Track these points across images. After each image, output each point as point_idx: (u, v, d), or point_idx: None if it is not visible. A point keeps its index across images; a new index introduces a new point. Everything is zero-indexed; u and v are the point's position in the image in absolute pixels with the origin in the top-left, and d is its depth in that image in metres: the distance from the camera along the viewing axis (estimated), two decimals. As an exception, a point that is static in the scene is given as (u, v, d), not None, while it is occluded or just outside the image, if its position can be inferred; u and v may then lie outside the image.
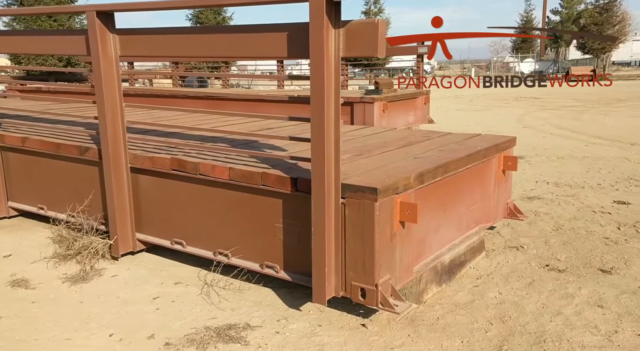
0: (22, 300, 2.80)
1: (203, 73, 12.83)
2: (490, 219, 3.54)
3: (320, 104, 2.32)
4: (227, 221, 2.99)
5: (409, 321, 2.60)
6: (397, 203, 2.51)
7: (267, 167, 2.85)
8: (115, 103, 3.14)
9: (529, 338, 2.38)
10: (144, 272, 3.22)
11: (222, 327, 2.54)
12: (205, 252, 3.11)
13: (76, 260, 3.28)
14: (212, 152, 3.22)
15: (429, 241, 2.91)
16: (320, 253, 2.49)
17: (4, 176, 3.99)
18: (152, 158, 3.17)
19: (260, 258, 2.89)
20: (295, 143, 3.31)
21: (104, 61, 3.04)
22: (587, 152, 7.07)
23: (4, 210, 4.03)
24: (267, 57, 2.64)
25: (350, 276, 2.53)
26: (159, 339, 2.44)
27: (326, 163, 2.39)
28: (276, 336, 2.47)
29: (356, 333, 2.49)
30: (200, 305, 2.79)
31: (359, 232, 2.46)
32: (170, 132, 3.81)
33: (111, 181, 3.20)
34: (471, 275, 3.12)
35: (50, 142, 3.65)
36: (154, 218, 3.31)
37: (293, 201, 2.72)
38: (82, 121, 4.16)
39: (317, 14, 2.22)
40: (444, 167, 2.86)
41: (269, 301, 2.83)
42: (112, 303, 2.80)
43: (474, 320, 2.57)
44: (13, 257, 3.40)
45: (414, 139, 3.71)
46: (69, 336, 2.46)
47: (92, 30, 2.98)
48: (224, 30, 2.66)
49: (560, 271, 3.11)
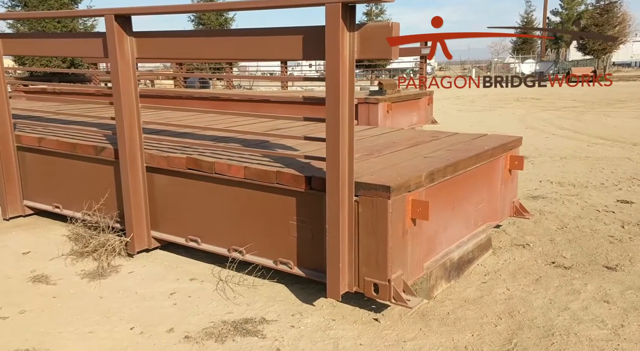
0: (43, 295, 2.88)
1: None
2: (497, 217, 3.62)
3: (336, 105, 2.40)
4: (241, 219, 3.07)
5: (420, 315, 2.67)
6: (409, 201, 2.59)
7: (281, 166, 2.93)
8: (132, 104, 3.22)
9: (538, 331, 2.46)
10: (160, 269, 3.30)
11: (238, 321, 2.62)
12: (219, 249, 3.19)
13: (93, 257, 3.36)
14: (226, 152, 3.30)
15: (439, 239, 2.99)
16: (335, 249, 2.57)
17: (20, 175, 4.07)
18: (167, 158, 3.25)
19: (274, 254, 2.97)
20: (307, 143, 3.39)
21: (122, 63, 3.12)
22: (590, 152, 7.15)
23: (19, 209, 4.10)
24: (282, 58, 2.72)
25: (363, 272, 2.61)
26: (178, 332, 2.52)
27: (341, 162, 2.47)
28: (292, 330, 2.55)
29: (369, 327, 2.57)
30: (216, 300, 2.87)
31: (372, 229, 2.53)
32: (182, 132, 3.89)
33: (128, 180, 3.28)
34: (479, 272, 3.20)
35: (66, 143, 3.73)
36: (168, 216, 3.39)
37: (307, 199, 2.79)
38: (96, 122, 4.24)
39: (333, 18, 2.30)
40: (453, 166, 2.93)
41: (283, 297, 2.91)
42: (130, 298, 2.88)
43: (483, 315, 2.65)
44: (32, 254, 3.48)
45: (422, 139, 3.79)
46: (92, 329, 2.54)
47: (110, 33, 3.06)
48: (241, 33, 2.73)
49: (566, 268, 3.18)
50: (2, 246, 3.63)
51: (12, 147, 3.99)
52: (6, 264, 3.30)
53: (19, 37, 4.73)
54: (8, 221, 4.11)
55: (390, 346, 2.39)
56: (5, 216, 4.08)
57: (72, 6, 19.27)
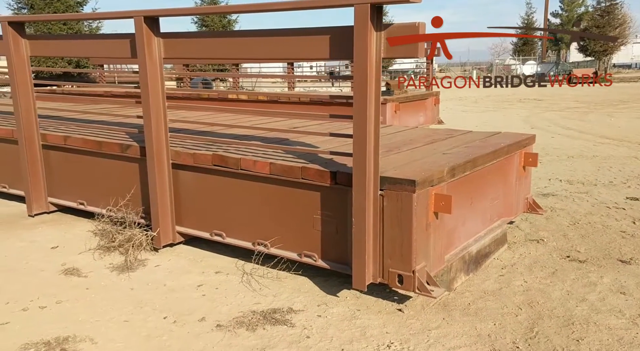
0: (77, 287, 2.98)
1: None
2: (511, 213, 3.71)
3: (363, 103, 2.50)
4: (266, 213, 3.16)
5: (442, 306, 2.77)
6: (432, 195, 2.68)
7: (306, 162, 3.03)
8: (159, 103, 3.32)
9: (558, 321, 2.55)
10: (185, 262, 3.39)
11: (267, 311, 2.71)
12: (244, 243, 3.28)
13: (119, 251, 3.46)
14: (250, 149, 3.40)
15: (458, 233, 3.08)
16: (361, 241, 2.66)
17: (45, 173, 4.16)
18: (194, 155, 3.35)
19: (299, 247, 3.07)
20: (327, 140, 3.50)
21: (150, 63, 3.22)
22: (596, 151, 7.24)
23: (44, 205, 4.20)
24: (310, 58, 2.81)
25: (387, 264, 2.70)
26: (210, 321, 2.62)
27: (367, 158, 2.56)
28: (319, 319, 2.64)
29: (394, 317, 2.66)
30: (243, 291, 2.96)
31: (397, 222, 2.63)
32: (203, 130, 3.99)
33: (154, 177, 3.38)
34: (496, 265, 3.29)
35: (92, 141, 3.83)
36: (193, 212, 3.49)
37: (331, 193, 2.89)
38: (117, 121, 4.34)
39: (362, 18, 2.40)
40: (472, 162, 3.03)
41: (307, 288, 3.00)
42: (160, 290, 2.97)
43: (503, 305, 2.74)
44: (60, 248, 3.57)
45: (438, 136, 3.89)
46: (127, 318, 2.63)
47: (139, 34, 3.16)
48: (268, 33, 2.82)
49: (581, 261, 3.27)
50: (30, 241, 3.72)
51: (38, 145, 4.09)
52: (37, 258, 3.40)
53: (46, 38, 4.82)
54: (33, 217, 4.21)
55: (416, 334, 2.48)
56: (30, 212, 4.18)
57: (78, 8, 19.41)
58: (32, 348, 2.32)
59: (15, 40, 3.81)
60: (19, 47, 3.84)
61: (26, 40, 3.86)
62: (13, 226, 4.06)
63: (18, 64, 3.87)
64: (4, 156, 4.48)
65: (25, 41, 3.86)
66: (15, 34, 3.81)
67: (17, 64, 3.86)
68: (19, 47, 3.84)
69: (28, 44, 3.86)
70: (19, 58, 3.86)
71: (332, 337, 2.47)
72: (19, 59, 3.86)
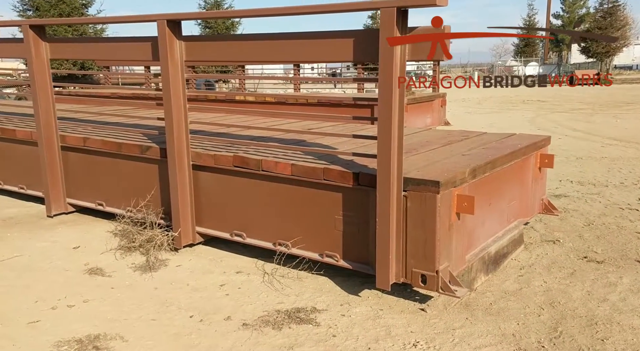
0: (101, 286, 3.01)
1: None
2: (528, 214, 3.74)
3: (388, 105, 2.54)
4: (287, 214, 3.20)
5: (464, 306, 2.80)
6: (455, 196, 2.72)
7: (327, 163, 3.06)
8: (180, 105, 3.36)
9: (581, 321, 2.58)
10: (205, 262, 3.42)
11: (291, 310, 2.74)
12: (265, 243, 3.32)
13: (140, 252, 3.49)
14: (268, 150, 3.43)
15: (477, 233, 3.11)
16: (385, 242, 2.69)
17: (63, 174, 4.20)
18: (214, 156, 3.38)
19: (320, 248, 3.10)
20: (344, 141, 3.53)
21: (172, 66, 3.26)
22: (605, 153, 7.27)
23: (62, 206, 4.24)
24: (333, 60, 2.85)
25: (411, 264, 2.74)
26: (235, 320, 2.65)
27: (391, 159, 2.60)
28: (343, 319, 2.67)
29: (417, 316, 2.69)
30: (265, 291, 2.99)
31: (421, 222, 2.66)
32: (218, 132, 4.02)
33: (175, 178, 3.41)
34: (514, 266, 3.32)
35: (111, 142, 3.87)
36: (213, 212, 3.52)
37: (353, 194, 2.92)
38: (135, 122, 4.38)
39: (388, 22, 2.44)
40: (492, 163, 3.07)
41: (328, 288, 3.03)
42: (184, 290, 3.01)
43: (525, 305, 2.77)
44: (82, 249, 3.61)
45: (453, 138, 3.92)
46: (154, 317, 2.67)
47: (161, 37, 3.20)
48: (292, 36, 2.85)
49: (599, 262, 3.31)
50: (52, 241, 3.76)
51: (57, 147, 4.13)
52: (60, 258, 3.43)
53: (66, 41, 4.87)
54: (52, 217, 4.25)
55: (440, 333, 2.52)
56: (49, 213, 4.22)
57: (83, 10, 19.48)
58: (64, 345, 2.36)
59: (36, 43, 3.86)
60: (39, 50, 3.88)
61: (47, 43, 3.90)
62: (33, 226, 4.09)
63: (38, 67, 3.91)
64: (22, 158, 4.52)
65: (45, 44, 3.90)
66: (36, 37, 3.85)
67: (38, 67, 3.91)
68: (39, 50, 3.88)
69: (48, 47, 3.90)
70: (40, 61, 3.90)
71: (357, 336, 2.50)
72: (39, 62, 3.90)
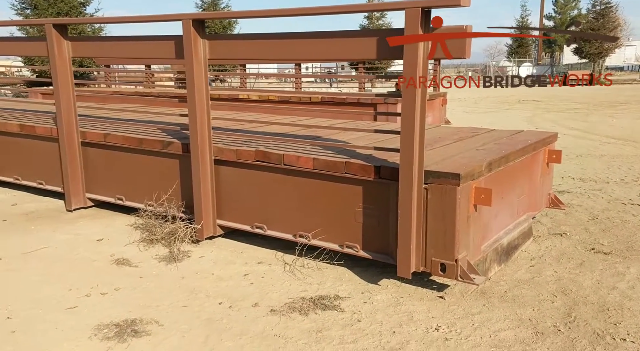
0: (130, 276, 3.12)
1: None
2: (536, 207, 3.89)
3: (412, 100, 2.67)
4: (307, 207, 3.32)
5: (480, 293, 2.93)
6: (473, 188, 2.85)
7: (348, 158, 3.18)
8: (203, 102, 3.46)
9: (593, 307, 2.72)
10: (226, 254, 3.53)
11: (315, 297, 2.86)
12: (285, 235, 3.43)
13: (162, 243, 3.60)
14: (288, 145, 3.55)
15: (491, 225, 3.25)
16: (406, 232, 2.82)
17: (83, 169, 4.29)
18: (236, 151, 3.49)
19: (340, 239, 3.22)
20: (359, 137, 3.65)
21: (196, 64, 3.36)
22: (603, 151, 7.45)
23: (82, 201, 4.33)
24: (357, 59, 2.97)
25: (430, 253, 2.86)
26: (263, 307, 2.77)
27: (414, 153, 2.72)
28: (366, 305, 2.80)
29: (436, 303, 2.82)
30: (288, 280, 3.11)
31: (441, 213, 2.79)
32: (236, 129, 4.13)
33: (198, 173, 3.52)
34: (525, 257, 3.46)
35: (132, 138, 3.96)
36: (234, 205, 3.63)
37: (374, 187, 3.05)
38: (153, 119, 4.48)
39: (412, 21, 2.56)
40: (506, 158, 3.20)
41: (348, 278, 3.16)
42: (209, 279, 3.12)
43: (538, 293, 2.91)
44: (105, 241, 3.71)
45: (464, 134, 4.06)
46: (185, 303, 2.78)
47: (187, 36, 3.30)
48: (317, 35, 2.97)
49: (606, 253, 3.45)
50: (75, 234, 3.86)
51: (77, 143, 4.21)
52: (86, 250, 3.53)
53: (88, 40, 4.94)
54: (72, 212, 4.34)
55: (460, 318, 2.65)
56: (69, 207, 4.31)
57: (81, 9, 19.48)
58: (105, 328, 2.47)
59: (58, 42, 3.94)
60: (61, 48, 3.97)
61: (68, 41, 3.99)
62: (55, 220, 4.18)
63: (60, 65, 4.00)
64: (41, 154, 4.60)
65: (67, 43, 3.99)
66: (59, 36, 3.94)
67: (60, 65, 4.00)
68: (62, 49, 3.97)
69: (70, 46, 3.99)
70: (62, 59, 3.99)
71: (381, 321, 2.63)
72: (61, 60, 3.99)
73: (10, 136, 4.78)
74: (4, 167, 4.96)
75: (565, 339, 2.42)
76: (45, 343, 2.37)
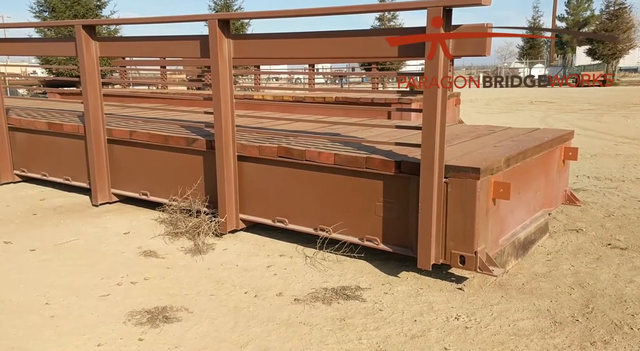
0: (158, 267, 3.23)
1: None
2: (552, 204, 3.94)
3: (434, 97, 2.75)
4: (328, 201, 3.41)
5: (498, 286, 3.00)
6: (492, 182, 2.92)
7: (368, 153, 3.27)
8: (228, 99, 3.58)
9: (610, 299, 2.78)
10: (249, 247, 3.64)
11: (337, 288, 2.95)
12: (306, 228, 3.53)
13: (186, 237, 3.71)
14: (309, 141, 3.65)
15: (508, 220, 3.31)
16: (427, 225, 2.90)
17: (109, 166, 4.43)
18: (259, 147, 3.60)
19: (360, 232, 3.31)
20: (381, 133, 3.73)
21: (221, 63, 3.47)
22: (618, 150, 7.45)
23: (107, 196, 4.47)
24: (380, 57, 3.06)
25: (450, 246, 2.94)
26: (287, 296, 2.86)
27: (435, 148, 2.81)
28: (387, 296, 2.88)
29: (455, 295, 2.89)
30: (310, 272, 3.21)
31: (460, 207, 2.87)
32: (255, 126, 4.24)
33: (222, 168, 3.63)
34: (541, 252, 3.52)
35: (158, 135, 4.09)
36: (256, 200, 3.74)
37: (394, 181, 3.13)
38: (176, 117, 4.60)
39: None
40: (524, 154, 3.27)
41: (368, 270, 3.24)
42: (234, 270, 3.22)
43: (556, 286, 2.97)
44: (132, 234, 3.84)
45: (480, 132, 4.13)
46: (212, 293, 2.88)
47: (212, 35, 3.42)
48: (340, 34, 3.05)
49: (622, 249, 3.50)
50: (102, 227, 3.99)
51: (104, 140, 4.35)
52: (114, 242, 3.66)
53: (115, 40, 5.10)
54: (98, 207, 4.48)
55: (479, 309, 2.72)
56: (95, 202, 4.45)
57: (97, 11, 19.80)
58: (137, 315, 2.58)
59: (87, 42, 4.09)
60: (90, 48, 4.11)
61: (96, 42, 4.14)
62: (82, 214, 4.32)
63: (89, 65, 4.14)
64: (67, 151, 4.75)
65: (95, 43, 4.13)
66: (87, 36, 4.08)
67: (88, 65, 4.14)
68: (90, 49, 4.11)
69: (98, 46, 4.13)
70: (90, 59, 4.13)
71: (402, 310, 2.71)
72: (89, 60, 4.13)
73: (38, 133, 4.94)
74: (33, 165, 5.12)
75: (584, 328, 2.48)
76: (82, 328, 2.49)
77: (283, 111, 8.60)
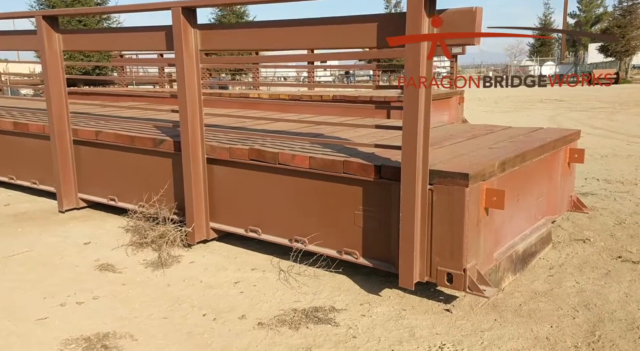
0: (112, 282, 2.91)
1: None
2: (556, 211, 3.56)
3: (414, 92, 2.39)
4: (304, 209, 3.07)
5: (492, 307, 2.64)
6: (483, 190, 2.56)
7: (346, 156, 2.92)
8: (195, 95, 3.25)
9: (620, 324, 2.41)
10: (219, 259, 3.31)
11: (308, 309, 2.61)
12: (281, 239, 3.19)
13: (152, 248, 3.39)
14: (286, 143, 3.31)
15: (505, 230, 2.95)
16: (409, 238, 2.55)
17: (75, 168, 4.12)
18: (230, 149, 3.27)
19: (338, 244, 2.96)
20: (366, 135, 3.39)
21: (186, 55, 3.15)
22: (631, 151, 7.02)
23: (74, 201, 4.16)
24: (357, 46, 2.71)
25: (436, 262, 2.58)
26: (250, 319, 2.53)
27: (417, 150, 2.45)
28: (364, 319, 2.53)
29: (442, 317, 2.54)
30: (281, 289, 2.87)
31: (448, 217, 2.51)
32: (235, 126, 3.91)
33: (189, 172, 3.30)
34: (543, 265, 3.15)
35: (124, 135, 3.77)
36: (227, 207, 3.40)
37: (375, 188, 2.78)
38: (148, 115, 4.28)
39: (416, 2, 2.29)
40: (521, 157, 2.90)
41: (347, 287, 2.90)
42: (197, 287, 2.89)
43: (558, 307, 2.60)
44: (92, 244, 3.52)
45: (478, 132, 3.76)
46: (165, 315, 2.55)
47: (176, 25, 3.09)
48: (315, 22, 2.72)
49: (634, 262, 3.12)
50: (63, 236, 3.68)
51: (69, 141, 4.05)
52: (70, 254, 3.35)
53: (79, 32, 4.81)
54: (64, 213, 4.17)
55: (468, 335, 2.36)
56: (61, 208, 4.15)
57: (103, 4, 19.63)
58: (72, 343, 2.26)
59: (48, 35, 3.78)
60: (52, 41, 3.81)
61: (59, 34, 3.83)
62: (45, 221, 4.02)
63: (51, 59, 3.84)
64: (34, 152, 4.46)
65: (58, 35, 3.82)
66: (49, 28, 3.77)
67: (50, 59, 3.83)
68: (52, 42, 3.80)
69: (61, 39, 3.82)
70: (52, 52, 3.83)
71: (379, 337, 2.36)
72: (52, 54, 3.83)
73: (4, 133, 4.65)
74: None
75: (588, 363, 2.12)
76: (7, 358, 2.17)
77: (280, 110, 8.30)
